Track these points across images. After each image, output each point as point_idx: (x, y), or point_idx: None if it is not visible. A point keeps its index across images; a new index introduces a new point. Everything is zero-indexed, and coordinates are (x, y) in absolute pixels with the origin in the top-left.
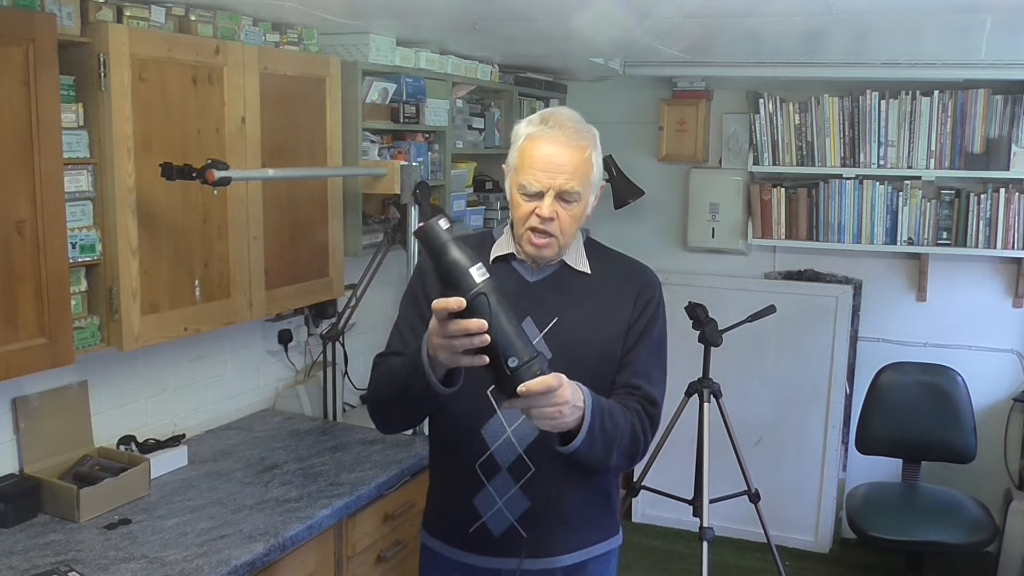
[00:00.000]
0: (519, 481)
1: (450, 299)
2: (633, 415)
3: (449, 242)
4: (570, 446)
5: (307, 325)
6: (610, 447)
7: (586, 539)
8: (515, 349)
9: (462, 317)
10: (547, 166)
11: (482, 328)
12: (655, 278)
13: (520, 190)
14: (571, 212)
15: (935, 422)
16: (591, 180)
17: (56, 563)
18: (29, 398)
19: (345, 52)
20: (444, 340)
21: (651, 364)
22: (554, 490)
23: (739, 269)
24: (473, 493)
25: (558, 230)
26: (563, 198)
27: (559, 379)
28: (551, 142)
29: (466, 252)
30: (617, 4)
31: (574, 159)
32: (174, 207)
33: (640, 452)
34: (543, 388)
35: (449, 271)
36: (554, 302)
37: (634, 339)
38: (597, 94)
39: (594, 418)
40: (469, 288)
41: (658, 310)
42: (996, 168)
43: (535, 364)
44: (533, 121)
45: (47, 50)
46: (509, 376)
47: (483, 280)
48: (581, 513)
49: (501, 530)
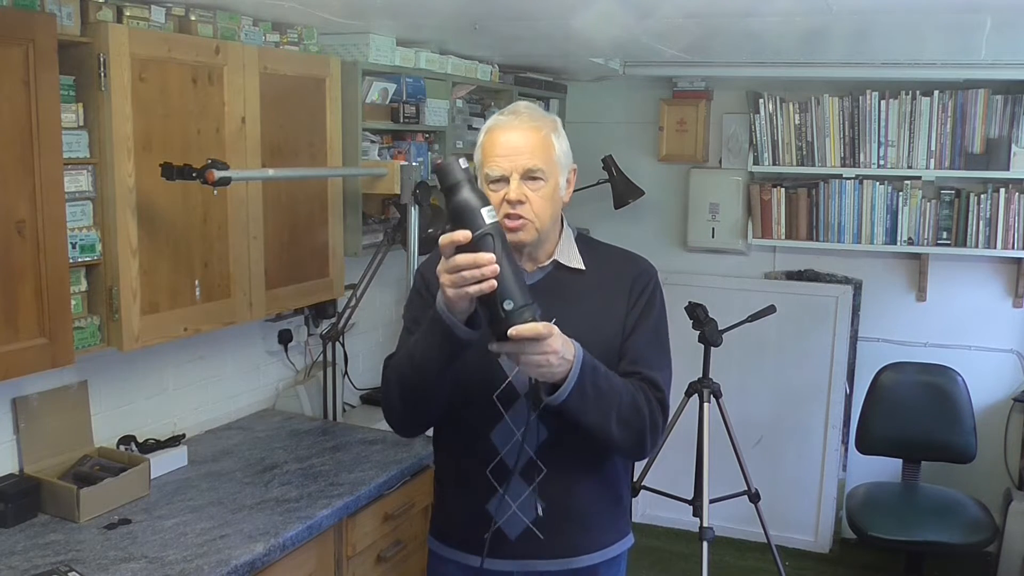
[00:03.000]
0: (532, 483)
1: (457, 232)
2: (636, 389)
3: (464, 181)
4: (557, 394)
5: (307, 325)
6: (606, 408)
7: (602, 539)
8: (512, 293)
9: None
10: (505, 150)
11: (491, 260)
12: (649, 266)
13: (487, 180)
14: (540, 193)
15: (935, 422)
16: (554, 159)
17: (56, 563)
18: (29, 398)
19: (345, 52)
20: (453, 275)
21: (650, 349)
22: (568, 489)
23: (739, 269)
24: (486, 498)
25: (531, 213)
26: (528, 177)
27: (550, 328)
28: (507, 128)
29: (478, 193)
30: (617, 4)
31: (531, 139)
32: (174, 207)
33: (647, 431)
34: (533, 334)
35: (460, 209)
36: (551, 304)
37: (631, 328)
38: (597, 94)
39: (584, 370)
40: (478, 227)
41: (653, 297)
42: (996, 168)
43: (528, 311)
44: (492, 118)
45: (47, 50)
46: (503, 318)
47: (492, 222)
48: (595, 512)
49: (517, 533)
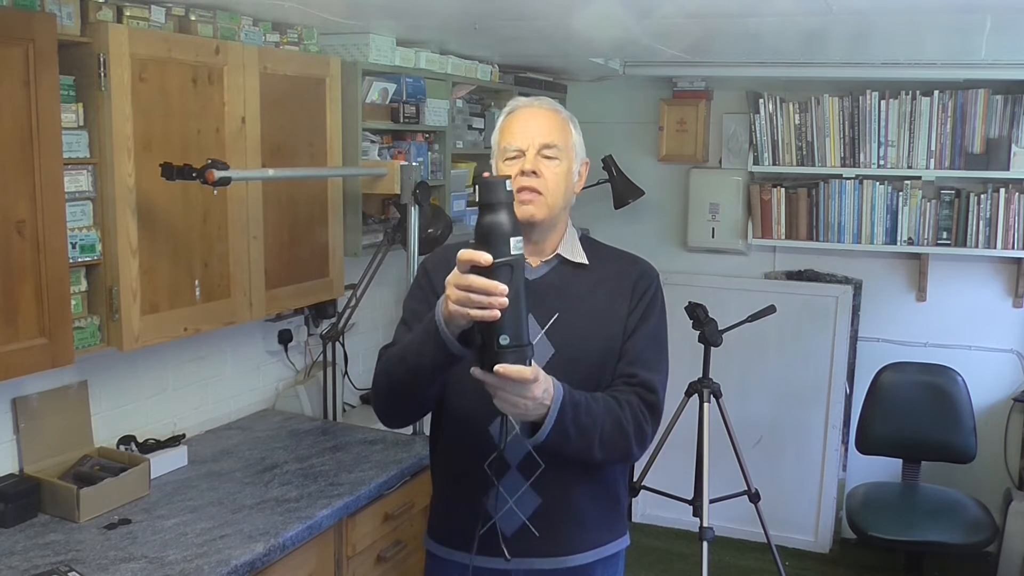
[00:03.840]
0: (529, 478)
1: (480, 252)
2: (625, 408)
3: (505, 204)
4: (536, 436)
5: (307, 325)
6: (588, 442)
7: (598, 539)
8: (511, 329)
9: (482, 275)
10: (525, 128)
11: (503, 292)
12: (652, 269)
13: (503, 156)
14: (555, 169)
15: (935, 422)
16: (571, 143)
17: (56, 563)
18: (29, 398)
19: (345, 52)
20: (462, 292)
21: (648, 352)
22: (565, 487)
23: (739, 269)
24: (482, 493)
25: (545, 187)
26: (544, 153)
27: (536, 374)
28: (527, 110)
29: (514, 221)
30: (617, 4)
31: (551, 119)
32: (174, 207)
33: (633, 444)
34: (518, 376)
35: (492, 229)
36: (554, 299)
37: (631, 329)
38: (597, 94)
39: (564, 411)
40: (502, 254)
41: (655, 300)
42: (996, 168)
43: (522, 352)
44: (513, 100)
45: (47, 50)
46: (495, 351)
47: (517, 253)
48: (592, 511)
49: (513, 529)
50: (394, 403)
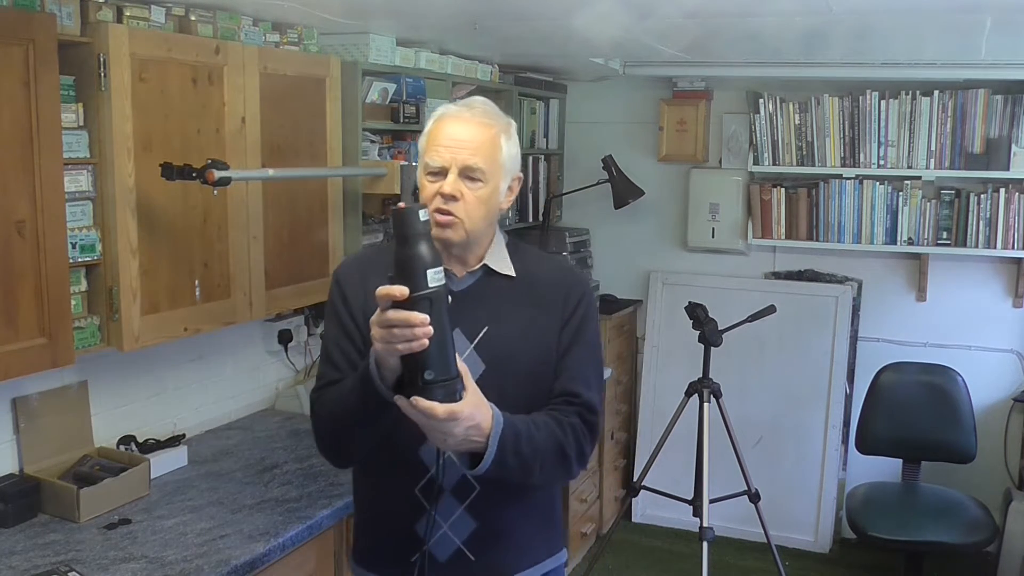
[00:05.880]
0: (464, 502)
1: (396, 287)
2: (568, 432)
3: (421, 235)
4: (477, 469)
5: (307, 325)
6: (529, 470)
7: (534, 557)
8: (435, 363)
9: (403, 309)
10: (449, 142)
11: (424, 322)
12: (584, 279)
13: (425, 170)
14: (477, 193)
15: (935, 422)
16: (499, 162)
17: (56, 563)
18: (29, 398)
19: (345, 52)
20: (384, 330)
21: (588, 368)
22: (501, 508)
23: (739, 269)
24: (413, 519)
25: (463, 212)
26: (467, 175)
27: (453, 415)
28: (456, 119)
29: (432, 252)
30: (617, 4)
31: (478, 136)
32: (174, 207)
33: (574, 466)
34: (441, 416)
35: (408, 262)
36: (481, 311)
37: (567, 342)
38: (597, 94)
39: (504, 443)
40: (419, 288)
41: (589, 311)
42: (996, 168)
43: (445, 388)
44: (443, 106)
45: (47, 50)
46: (419, 387)
47: (436, 285)
48: (528, 530)
49: (447, 555)
50: (341, 450)
